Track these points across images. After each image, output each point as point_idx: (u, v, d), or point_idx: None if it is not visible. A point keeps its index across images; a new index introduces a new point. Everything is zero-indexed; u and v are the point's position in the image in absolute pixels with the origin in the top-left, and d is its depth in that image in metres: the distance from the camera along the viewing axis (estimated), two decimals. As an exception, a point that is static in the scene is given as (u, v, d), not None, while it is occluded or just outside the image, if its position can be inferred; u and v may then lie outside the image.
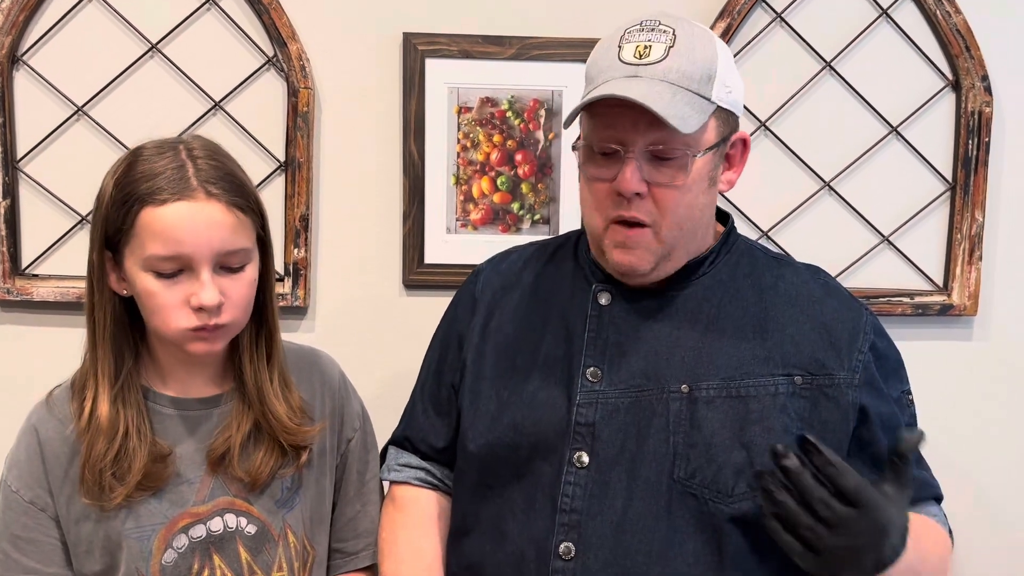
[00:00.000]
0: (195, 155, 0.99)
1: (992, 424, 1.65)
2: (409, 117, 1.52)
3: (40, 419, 1.05)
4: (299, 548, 1.09)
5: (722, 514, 1.01)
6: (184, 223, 0.95)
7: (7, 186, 1.49)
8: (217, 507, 1.05)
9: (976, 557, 1.67)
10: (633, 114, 0.98)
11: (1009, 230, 1.62)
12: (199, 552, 1.04)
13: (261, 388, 1.05)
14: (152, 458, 1.01)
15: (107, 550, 1.02)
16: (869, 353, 1.08)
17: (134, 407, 1.01)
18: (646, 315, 1.10)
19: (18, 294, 1.50)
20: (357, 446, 1.18)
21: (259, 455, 1.05)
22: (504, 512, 1.10)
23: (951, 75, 1.57)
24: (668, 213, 1.03)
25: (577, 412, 1.07)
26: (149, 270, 0.96)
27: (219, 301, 0.97)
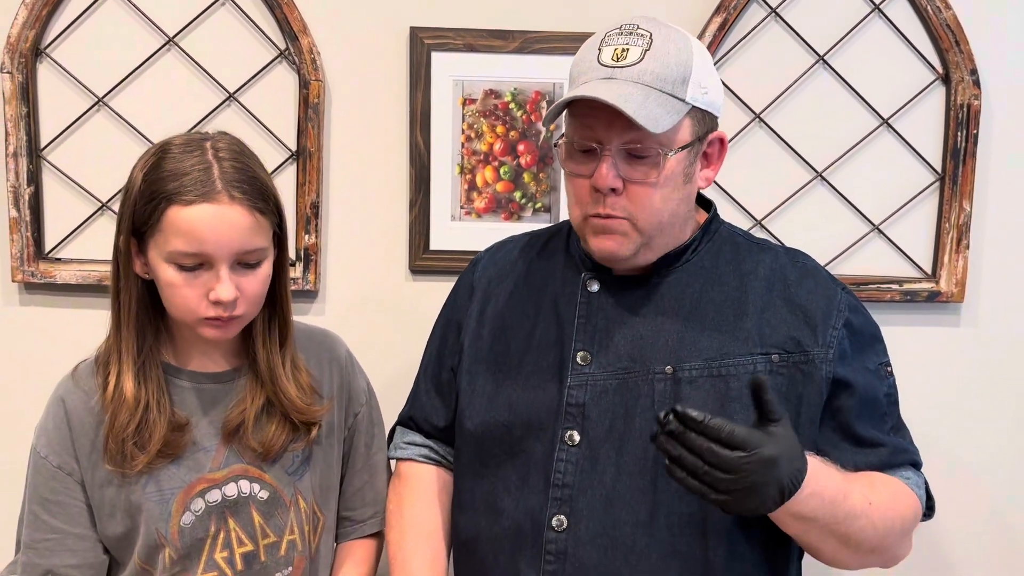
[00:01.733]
0: (220, 156, 1.04)
1: (978, 407, 1.69)
2: (415, 108, 1.57)
3: (67, 391, 1.12)
4: (309, 513, 1.16)
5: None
6: (207, 224, 1.01)
7: (31, 174, 1.55)
8: (232, 473, 1.11)
9: (965, 539, 1.72)
10: (609, 115, 1.02)
11: (996, 220, 1.65)
12: (215, 515, 1.11)
13: (273, 370, 1.12)
14: (171, 428, 1.07)
15: (128, 513, 1.09)
16: (843, 329, 1.12)
17: (155, 382, 1.08)
18: (632, 301, 1.15)
19: (42, 277, 1.57)
20: (364, 420, 1.24)
21: (271, 428, 1.12)
22: (499, 488, 1.16)
23: (941, 69, 1.61)
24: (643, 208, 1.08)
25: (568, 394, 1.13)
26: (172, 263, 1.03)
27: (235, 296, 1.03)
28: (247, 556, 1.12)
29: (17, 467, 1.59)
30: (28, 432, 1.59)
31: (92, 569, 1.11)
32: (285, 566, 1.14)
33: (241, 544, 1.11)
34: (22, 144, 1.54)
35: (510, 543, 1.13)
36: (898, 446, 1.14)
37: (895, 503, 1.10)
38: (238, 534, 1.11)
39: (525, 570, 1.11)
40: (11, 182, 1.54)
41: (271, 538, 1.13)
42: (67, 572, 1.09)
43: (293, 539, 1.14)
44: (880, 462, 1.12)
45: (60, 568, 1.09)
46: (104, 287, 1.56)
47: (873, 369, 1.15)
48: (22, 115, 1.53)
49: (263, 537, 1.12)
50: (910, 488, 1.13)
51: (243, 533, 1.12)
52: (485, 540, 1.16)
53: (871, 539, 1.06)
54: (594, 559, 1.08)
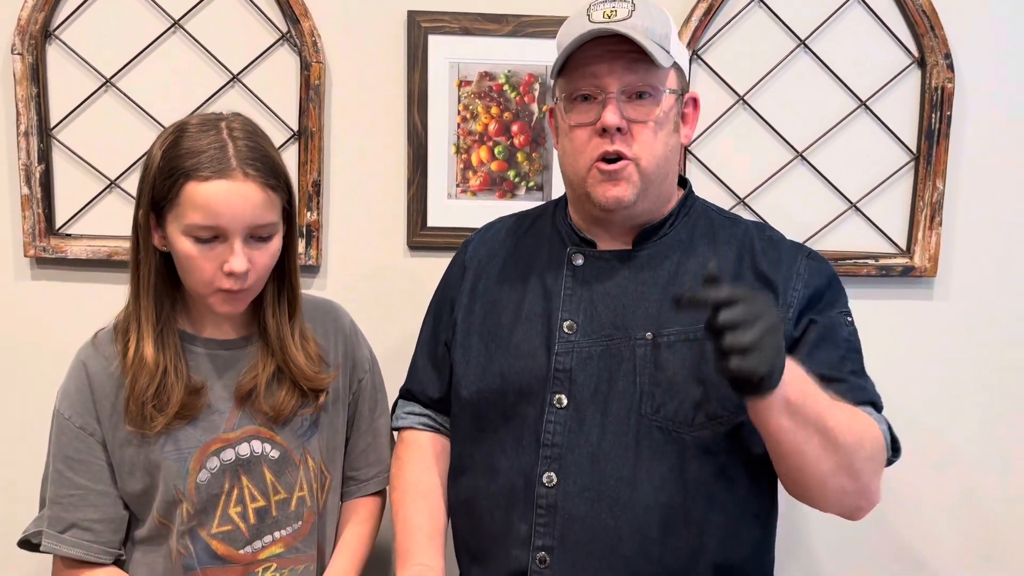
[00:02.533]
0: (235, 135, 1.10)
1: (950, 377, 1.77)
2: (413, 90, 1.63)
3: (88, 356, 1.18)
4: (317, 472, 1.23)
5: (683, 442, 1.15)
6: (222, 199, 1.07)
7: (42, 152, 1.61)
8: (245, 434, 1.18)
9: (937, 504, 1.80)
10: (610, 59, 1.11)
11: (968, 197, 1.72)
12: (229, 473, 1.18)
13: (283, 340, 1.19)
14: (187, 392, 1.14)
15: (147, 471, 1.16)
16: (803, 290, 1.19)
17: (172, 348, 1.14)
18: (615, 273, 1.22)
19: (53, 252, 1.62)
20: (367, 386, 1.31)
21: (282, 394, 1.19)
22: (495, 450, 1.24)
23: (917, 53, 1.67)
24: (645, 146, 1.15)
25: (556, 360, 1.20)
26: (189, 236, 1.09)
27: (247, 268, 1.09)
28: (259, 511, 1.19)
29: (29, 434, 1.67)
30: (41, 401, 1.67)
31: (113, 523, 1.18)
32: (295, 520, 1.21)
33: (254, 500, 1.18)
34: (33, 123, 1.59)
35: (505, 500, 1.21)
36: (857, 385, 1.18)
37: (856, 421, 1.11)
38: (251, 490, 1.18)
39: (518, 524, 1.19)
40: (23, 160, 1.60)
41: (282, 494, 1.20)
42: (90, 526, 1.16)
43: (303, 496, 1.21)
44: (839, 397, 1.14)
45: (83, 522, 1.16)
46: (113, 262, 1.63)
47: (832, 316, 1.20)
48: (32, 95, 1.59)
49: (274, 493, 1.19)
50: (873, 420, 1.15)
51: (255, 490, 1.19)
52: (483, 498, 1.24)
53: (847, 442, 1.07)
54: (581, 511, 1.16)
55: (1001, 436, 1.79)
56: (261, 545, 1.19)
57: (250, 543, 1.19)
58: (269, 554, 1.20)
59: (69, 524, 1.16)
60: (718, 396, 1.15)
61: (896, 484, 1.74)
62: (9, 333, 1.67)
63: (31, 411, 1.68)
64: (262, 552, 1.20)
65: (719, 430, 1.16)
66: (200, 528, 1.17)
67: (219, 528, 1.18)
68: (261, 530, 1.19)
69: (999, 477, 1.80)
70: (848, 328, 1.23)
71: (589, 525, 1.15)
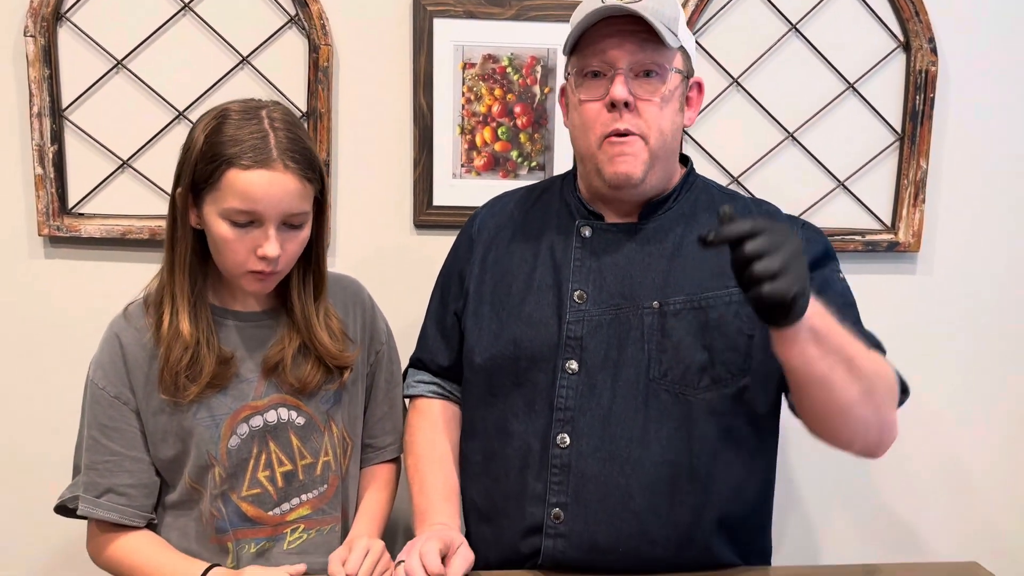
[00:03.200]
0: (276, 126, 1.14)
1: (933, 347, 1.85)
2: (419, 72, 1.68)
3: (121, 329, 1.23)
4: (340, 439, 1.29)
5: (690, 404, 1.21)
6: (262, 188, 1.11)
7: (54, 133, 1.64)
8: (272, 402, 1.23)
9: (922, 468, 1.89)
10: (620, 38, 1.16)
11: (950, 176, 1.80)
12: (257, 439, 1.23)
13: (308, 319, 1.24)
14: (218, 362, 1.19)
15: (180, 438, 1.21)
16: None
17: (205, 321, 1.19)
18: (622, 245, 1.28)
19: (67, 231, 1.66)
20: (384, 358, 1.37)
21: (307, 368, 1.24)
22: (508, 414, 1.30)
23: (902, 37, 1.74)
24: (651, 123, 1.20)
25: (568, 328, 1.26)
26: (226, 219, 1.13)
27: (279, 254, 1.14)
28: (287, 475, 1.24)
29: (46, 408, 1.71)
30: (56, 376, 1.71)
31: (146, 488, 1.23)
32: (321, 484, 1.27)
33: (281, 464, 1.24)
34: (45, 104, 1.62)
35: (519, 461, 1.27)
36: (862, 331, 1.22)
37: (873, 354, 1.16)
38: (278, 455, 1.24)
39: (533, 483, 1.25)
40: (36, 141, 1.63)
41: (308, 459, 1.25)
42: (125, 491, 1.21)
43: (328, 460, 1.27)
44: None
45: (118, 487, 1.21)
46: (127, 240, 1.67)
47: (827, 274, 1.26)
48: (45, 77, 1.61)
49: (301, 458, 1.25)
50: (884, 358, 1.20)
51: (283, 454, 1.24)
52: (497, 460, 1.30)
53: (868, 370, 1.11)
54: (594, 470, 1.22)
55: (979, 399, 1.88)
56: (289, 507, 1.25)
57: (278, 505, 1.24)
58: (297, 515, 1.25)
59: (105, 489, 1.21)
60: (722, 360, 1.21)
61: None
62: (24, 310, 1.70)
63: (47, 386, 1.72)
64: (290, 514, 1.25)
65: (723, 392, 1.22)
66: (231, 491, 1.22)
67: (248, 491, 1.23)
68: (289, 493, 1.25)
69: (978, 437, 1.89)
70: (843, 284, 1.28)
71: (601, 483, 1.22)
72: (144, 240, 1.67)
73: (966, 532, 1.92)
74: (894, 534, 1.91)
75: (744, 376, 1.21)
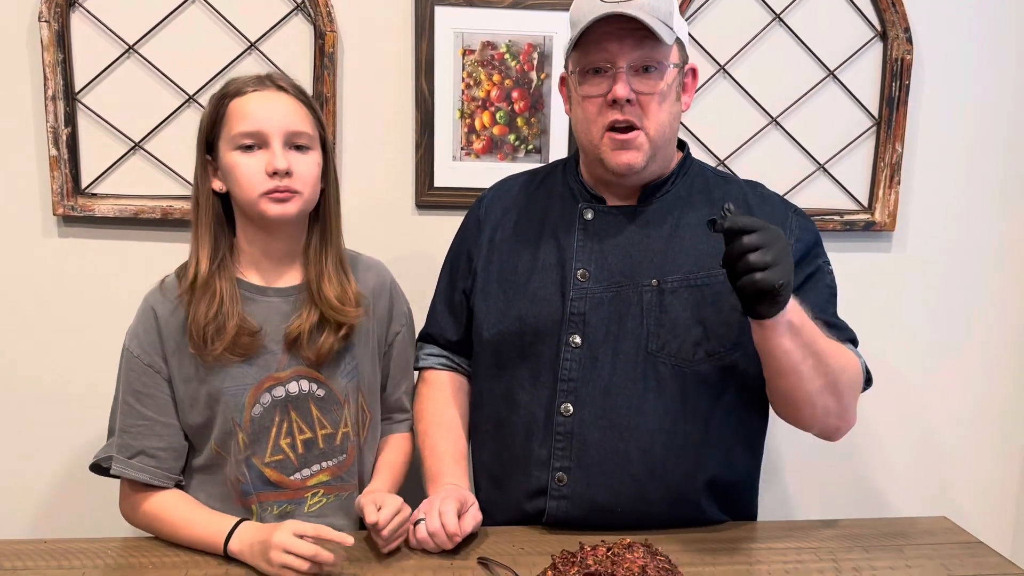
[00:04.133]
0: (271, 73, 1.29)
1: (906, 319, 1.97)
2: (420, 58, 1.74)
3: (155, 300, 1.30)
4: (358, 411, 1.37)
5: (685, 376, 1.30)
6: (261, 106, 1.24)
7: (68, 115, 1.69)
8: (294, 374, 1.31)
9: (893, 432, 2.00)
10: (620, 36, 1.23)
11: (924, 159, 1.90)
12: (279, 409, 1.31)
13: (320, 275, 1.31)
14: (243, 331, 1.26)
15: (208, 405, 1.29)
16: (796, 244, 1.33)
17: (228, 281, 1.27)
18: (622, 226, 1.36)
19: (80, 211, 1.71)
20: (403, 339, 1.44)
21: (321, 338, 1.32)
22: (515, 386, 1.39)
23: (879, 27, 1.83)
24: (652, 116, 1.27)
25: (571, 305, 1.34)
26: (235, 148, 1.23)
27: (288, 166, 1.23)
28: (307, 443, 1.32)
29: (61, 380, 1.78)
30: (69, 350, 1.78)
31: (175, 452, 1.31)
32: (340, 453, 1.35)
33: (302, 432, 1.32)
34: (59, 88, 1.67)
35: (525, 429, 1.36)
36: (838, 324, 1.35)
37: (842, 353, 1.28)
38: (299, 424, 1.32)
39: (538, 449, 1.34)
40: (50, 123, 1.68)
41: (328, 429, 1.33)
42: (155, 453, 1.29)
43: (347, 431, 1.35)
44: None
45: (149, 449, 1.29)
46: (139, 220, 1.73)
47: (819, 264, 1.36)
48: (58, 61, 1.66)
49: (320, 428, 1.33)
50: (852, 352, 1.33)
51: (303, 423, 1.32)
52: (505, 428, 1.39)
53: (834, 365, 1.24)
54: (595, 437, 1.31)
55: (951, 369, 2.00)
56: (309, 473, 1.33)
57: (299, 471, 1.32)
58: (317, 481, 1.34)
59: (137, 451, 1.29)
60: (716, 335, 1.31)
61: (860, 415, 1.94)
62: (39, 287, 1.76)
63: (61, 358, 1.78)
64: (310, 479, 1.33)
65: (716, 365, 1.31)
66: (254, 457, 1.30)
67: (271, 457, 1.31)
68: (308, 459, 1.33)
69: (946, 401, 2.02)
70: (830, 276, 1.39)
71: (602, 448, 1.31)
72: (156, 220, 1.73)
73: (933, 491, 2.05)
74: (870, 495, 2.03)
75: (736, 350, 1.31)
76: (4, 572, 1.19)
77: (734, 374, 1.33)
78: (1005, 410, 2.04)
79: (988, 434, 2.05)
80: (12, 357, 1.78)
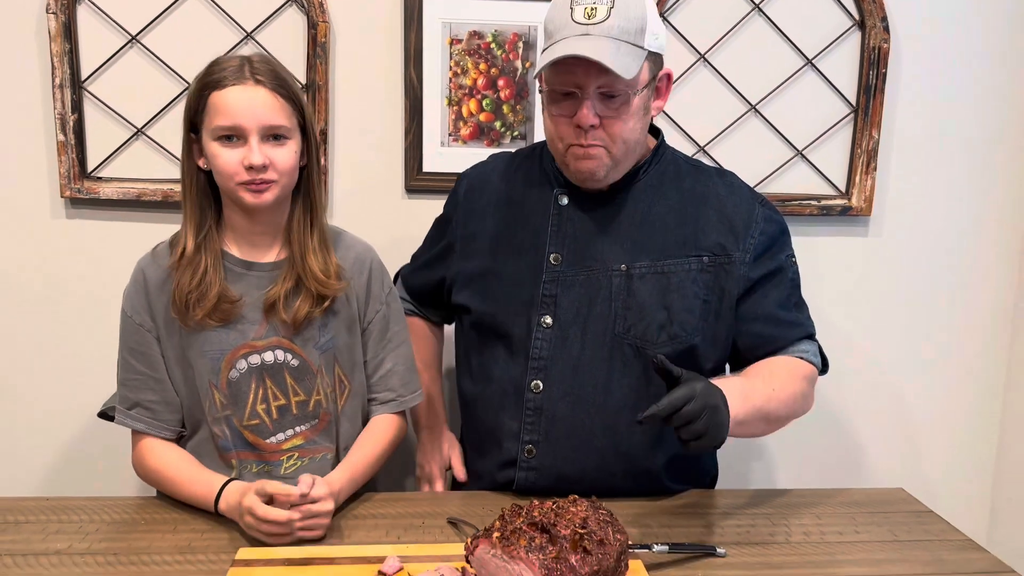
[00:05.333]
0: (252, 60, 1.33)
1: (881, 301, 2.02)
2: (410, 47, 1.81)
3: (147, 265, 1.39)
4: (333, 381, 1.44)
5: (648, 357, 1.36)
6: (238, 101, 1.29)
7: (75, 103, 1.78)
8: (270, 344, 1.39)
9: (866, 409, 2.06)
10: (587, 64, 1.26)
11: (899, 146, 1.95)
12: (255, 375, 1.39)
13: (304, 249, 1.38)
14: (223, 299, 1.34)
15: (189, 364, 1.38)
16: (760, 236, 1.40)
17: (212, 254, 1.35)
18: (595, 213, 1.42)
19: (87, 193, 1.81)
20: (381, 317, 1.49)
21: (297, 302, 1.38)
22: (490, 361, 1.47)
23: (857, 16, 1.88)
24: (615, 139, 1.32)
25: (543, 287, 1.41)
26: (216, 139, 1.30)
27: (264, 162, 1.29)
28: (280, 408, 1.40)
29: (68, 355, 1.88)
30: (76, 325, 1.88)
31: (169, 405, 1.40)
32: (312, 419, 1.42)
33: (276, 399, 1.40)
34: (66, 77, 1.76)
35: (498, 402, 1.44)
36: (795, 321, 1.42)
37: (792, 382, 1.37)
38: (273, 391, 1.40)
39: (509, 423, 1.42)
40: (58, 110, 1.77)
41: (301, 396, 1.41)
42: (150, 405, 1.39)
43: (319, 399, 1.42)
44: (782, 336, 1.40)
45: (144, 401, 1.39)
46: (142, 202, 1.83)
47: (782, 260, 1.43)
48: (65, 51, 1.75)
49: (294, 395, 1.41)
50: (804, 360, 1.42)
51: (277, 390, 1.40)
52: (481, 401, 1.48)
53: (782, 413, 1.36)
54: (563, 412, 1.39)
55: (923, 350, 2.06)
56: (284, 437, 1.41)
57: (274, 434, 1.41)
58: (291, 445, 1.42)
59: (134, 403, 1.39)
60: (679, 320, 1.37)
61: (835, 396, 2.01)
62: (47, 266, 1.86)
63: (68, 332, 1.88)
64: (285, 443, 1.42)
65: (678, 347, 1.38)
66: (233, 417, 1.39)
67: (249, 421, 1.39)
68: (283, 424, 1.41)
69: (919, 378, 2.08)
70: (793, 268, 1.45)
71: (569, 423, 1.39)
72: (157, 202, 1.82)
73: (907, 467, 2.11)
74: (841, 465, 2.10)
75: (696, 335, 1.38)
76: (8, 525, 1.29)
77: (693, 357, 1.39)
78: (978, 388, 2.10)
79: (961, 412, 2.11)
80: (23, 328, 1.88)
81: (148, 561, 1.19)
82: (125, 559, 1.20)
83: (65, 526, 1.29)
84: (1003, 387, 2.10)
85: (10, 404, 1.91)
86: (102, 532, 1.28)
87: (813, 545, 1.28)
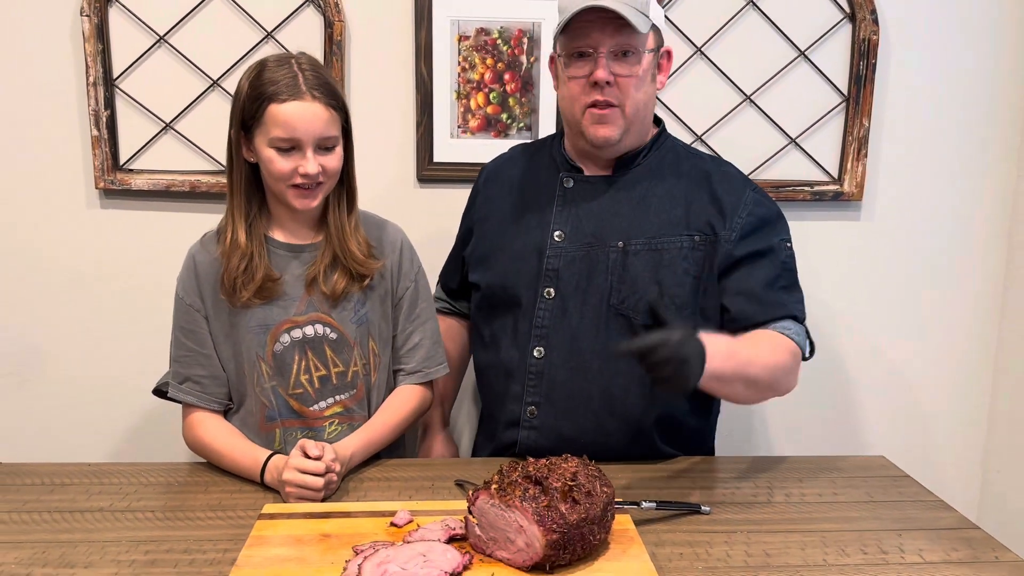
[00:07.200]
0: (303, 67, 1.40)
1: (873, 284, 2.10)
2: (420, 44, 1.91)
3: (197, 251, 1.51)
4: (368, 353, 1.55)
5: (639, 327, 1.46)
6: (297, 116, 1.37)
7: (107, 99, 1.89)
8: (310, 319, 1.50)
9: (862, 382, 2.14)
10: (601, 24, 1.38)
11: (889, 133, 2.03)
12: (297, 348, 1.50)
13: (342, 230, 1.49)
14: (266, 279, 1.45)
15: (235, 341, 1.49)
16: (748, 218, 1.48)
17: (258, 239, 1.46)
18: (597, 194, 1.52)
19: (119, 184, 1.92)
20: (409, 296, 1.58)
21: (335, 276, 1.49)
22: (499, 331, 1.58)
23: (848, 8, 1.96)
24: (629, 95, 1.43)
25: (547, 262, 1.52)
26: (272, 147, 1.39)
27: (318, 171, 1.40)
28: (322, 378, 1.51)
29: (105, 337, 2.00)
30: (111, 311, 2.00)
31: (217, 380, 1.51)
32: (351, 388, 1.53)
33: (318, 369, 1.51)
34: (99, 75, 1.88)
35: (505, 368, 1.56)
36: (778, 301, 1.47)
37: (774, 353, 1.40)
38: (315, 362, 1.51)
39: (514, 387, 1.54)
40: (92, 107, 1.89)
41: (340, 367, 1.52)
42: (199, 379, 1.51)
43: (356, 370, 1.53)
44: (762, 313, 1.46)
45: (194, 376, 1.51)
46: (172, 192, 1.94)
47: (773, 242, 1.49)
48: (98, 51, 1.87)
49: (334, 366, 1.52)
50: (788, 337, 1.44)
51: (318, 362, 1.51)
52: (491, 367, 1.60)
53: (764, 379, 1.37)
54: (563, 377, 1.50)
55: (911, 326, 2.14)
56: (325, 405, 1.53)
57: (316, 403, 1.52)
58: (332, 412, 1.53)
59: (185, 378, 1.51)
60: (670, 294, 1.47)
61: (832, 372, 2.10)
62: (83, 253, 1.98)
63: (103, 316, 2.00)
64: (327, 411, 1.53)
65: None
66: (279, 387, 1.50)
67: (294, 390, 1.51)
68: (324, 393, 1.52)
69: (911, 358, 2.15)
70: (786, 252, 1.51)
71: (568, 387, 1.50)
72: (185, 192, 1.94)
73: (897, 440, 2.19)
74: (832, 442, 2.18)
75: (686, 308, 1.48)
76: (56, 487, 1.41)
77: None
78: (968, 367, 2.17)
79: (953, 390, 2.19)
80: (65, 310, 2.00)
81: (183, 517, 1.31)
82: (161, 515, 1.31)
83: (106, 487, 1.41)
84: (992, 366, 2.17)
85: (55, 384, 2.03)
86: (140, 493, 1.39)
87: (793, 505, 1.38)
